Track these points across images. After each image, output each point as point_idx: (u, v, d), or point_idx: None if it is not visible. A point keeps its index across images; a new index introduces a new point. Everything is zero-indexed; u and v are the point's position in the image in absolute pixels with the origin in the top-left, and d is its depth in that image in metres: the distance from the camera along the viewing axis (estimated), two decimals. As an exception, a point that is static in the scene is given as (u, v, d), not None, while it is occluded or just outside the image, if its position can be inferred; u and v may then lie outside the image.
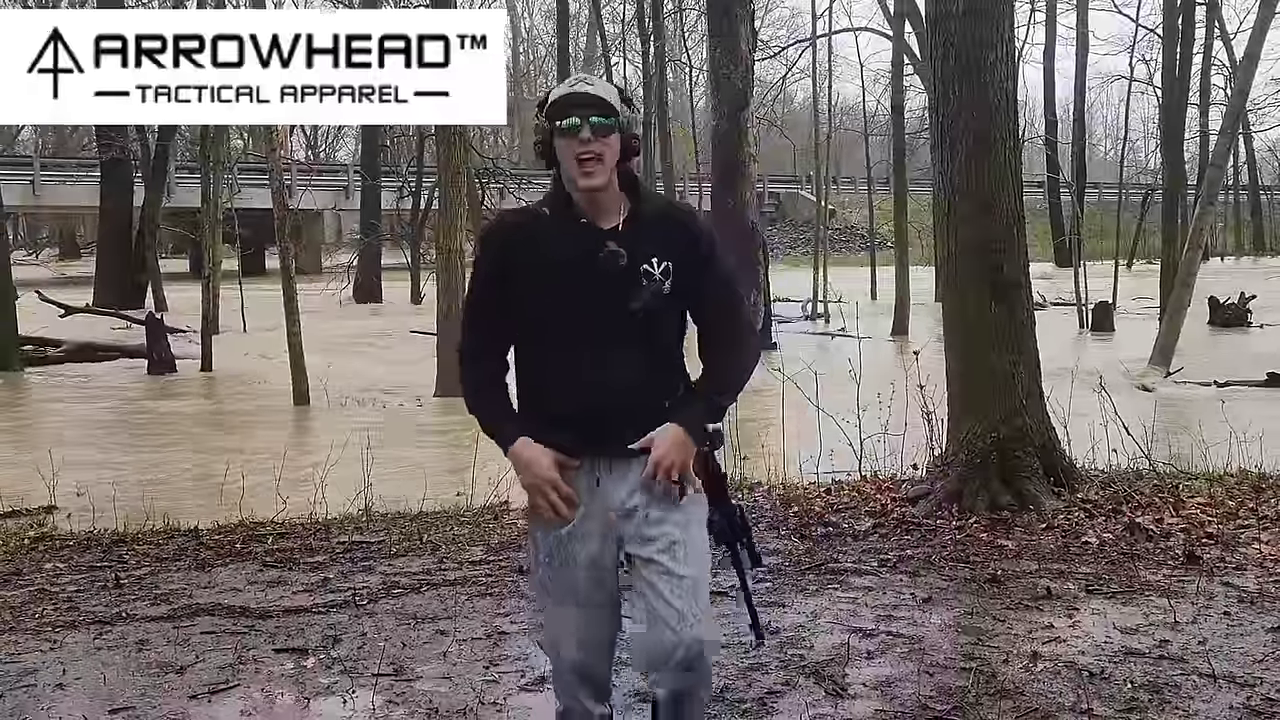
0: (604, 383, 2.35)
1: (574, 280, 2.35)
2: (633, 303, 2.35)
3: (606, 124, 2.31)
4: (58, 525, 6.12)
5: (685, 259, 2.40)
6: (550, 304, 2.37)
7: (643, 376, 2.38)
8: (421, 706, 3.38)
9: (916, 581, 4.55)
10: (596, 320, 2.35)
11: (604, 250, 2.35)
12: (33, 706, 3.44)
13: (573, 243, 2.35)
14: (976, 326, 5.73)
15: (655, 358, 2.41)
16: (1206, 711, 3.24)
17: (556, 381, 2.39)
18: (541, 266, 2.37)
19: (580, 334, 2.36)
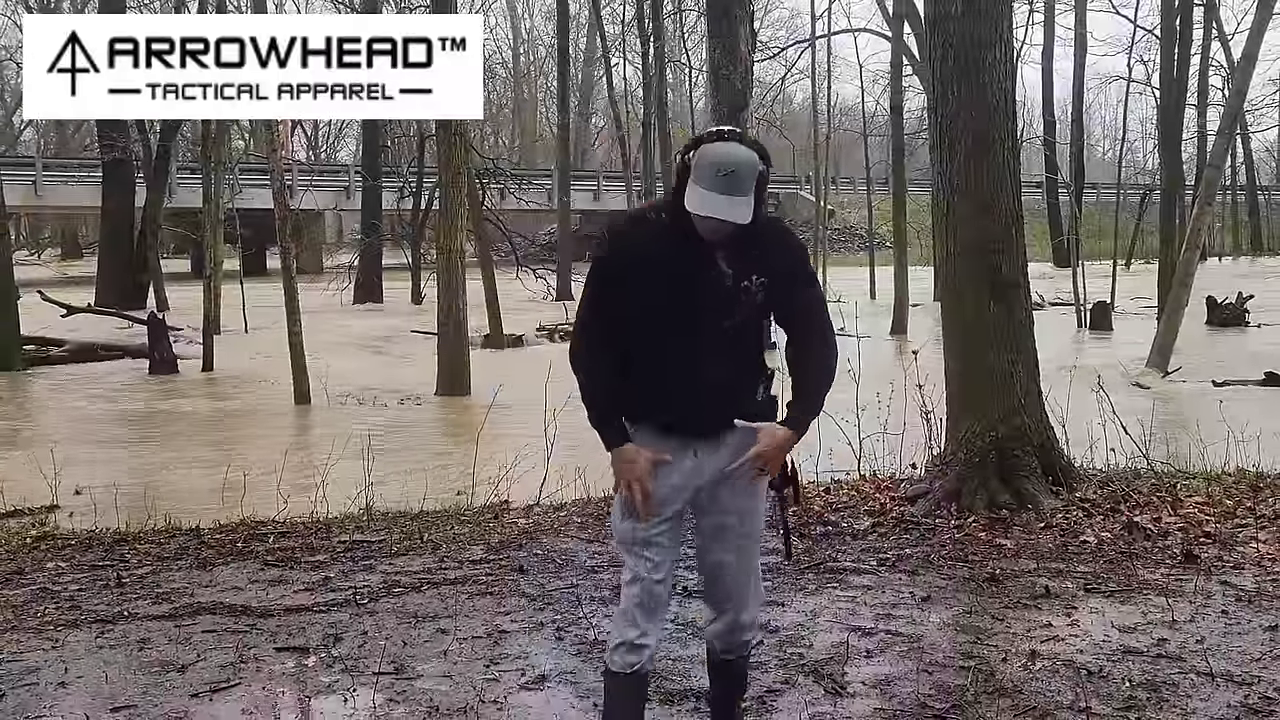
0: (699, 382, 2.66)
1: (681, 290, 2.63)
2: (732, 317, 2.65)
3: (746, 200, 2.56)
4: (60, 524, 6.14)
5: (780, 275, 2.68)
6: (657, 307, 2.65)
7: (733, 376, 2.70)
8: (422, 705, 3.39)
9: (915, 580, 4.56)
10: (697, 327, 2.65)
11: (713, 269, 2.63)
12: (35, 705, 3.44)
13: (684, 256, 2.62)
14: (975, 326, 5.74)
15: (744, 359, 2.72)
16: (1204, 710, 3.25)
17: (659, 377, 2.68)
18: (654, 272, 2.63)
19: (682, 336, 2.65)
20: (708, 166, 2.54)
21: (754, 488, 2.78)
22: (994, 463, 5.56)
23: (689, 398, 2.67)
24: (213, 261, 19.50)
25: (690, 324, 2.64)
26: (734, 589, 2.83)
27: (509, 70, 57.77)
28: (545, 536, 5.44)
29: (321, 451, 7.49)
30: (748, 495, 2.78)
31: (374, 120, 27.88)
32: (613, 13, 38.63)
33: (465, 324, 13.66)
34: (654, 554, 2.74)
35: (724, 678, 2.95)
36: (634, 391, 2.73)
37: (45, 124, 44.37)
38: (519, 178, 32.57)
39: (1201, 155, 27.65)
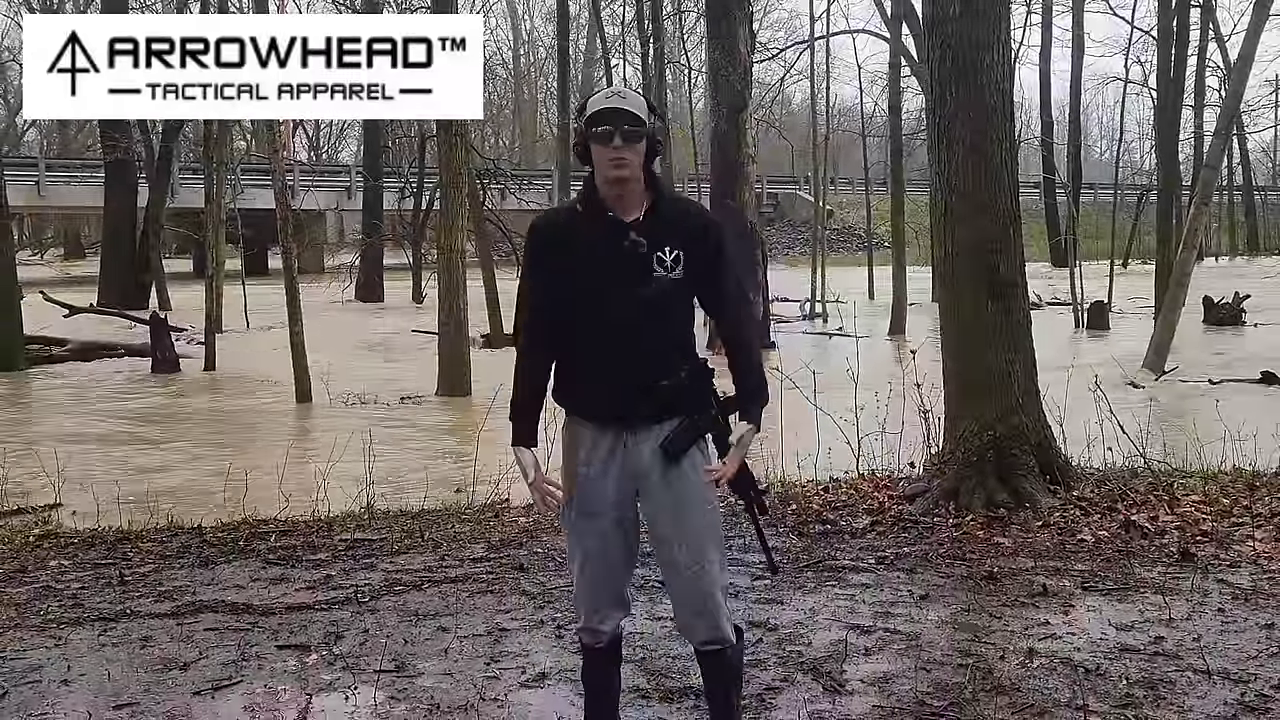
0: (625, 362, 2.69)
1: (600, 267, 2.69)
2: (647, 287, 2.67)
3: (636, 132, 2.65)
4: (62, 522, 6.14)
5: (696, 251, 2.72)
6: (579, 288, 2.70)
7: (658, 355, 2.71)
8: (423, 702, 3.40)
9: (914, 579, 4.57)
10: (618, 304, 2.68)
11: (627, 240, 2.68)
12: (38, 702, 3.46)
13: (600, 234, 2.69)
14: (973, 326, 5.76)
15: (669, 338, 2.74)
16: (1201, 707, 3.26)
17: (585, 360, 2.73)
18: (572, 255, 2.70)
19: (604, 316, 2.69)
20: (600, 94, 2.73)
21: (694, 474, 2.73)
22: (992, 462, 5.58)
23: (610, 376, 2.69)
24: (215, 261, 19.52)
25: (605, 296, 2.68)
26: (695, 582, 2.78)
27: (509, 71, 57.76)
28: (546, 535, 5.44)
29: (323, 450, 7.51)
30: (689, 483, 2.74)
31: (375, 121, 27.93)
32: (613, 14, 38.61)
33: (466, 324, 13.67)
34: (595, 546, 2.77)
35: (712, 670, 2.88)
36: (563, 382, 2.79)
37: (48, 125, 44.44)
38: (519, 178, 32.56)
39: (1198, 156, 27.62)
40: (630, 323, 2.68)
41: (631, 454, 2.74)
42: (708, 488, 2.76)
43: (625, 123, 2.64)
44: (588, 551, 2.80)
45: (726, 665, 2.87)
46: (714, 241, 2.77)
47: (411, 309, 25.39)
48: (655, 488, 2.75)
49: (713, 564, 2.78)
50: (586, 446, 2.76)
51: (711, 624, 2.80)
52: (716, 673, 2.89)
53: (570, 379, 2.78)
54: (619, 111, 2.66)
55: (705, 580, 2.77)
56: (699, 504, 2.76)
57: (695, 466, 2.74)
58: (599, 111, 2.67)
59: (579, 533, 2.80)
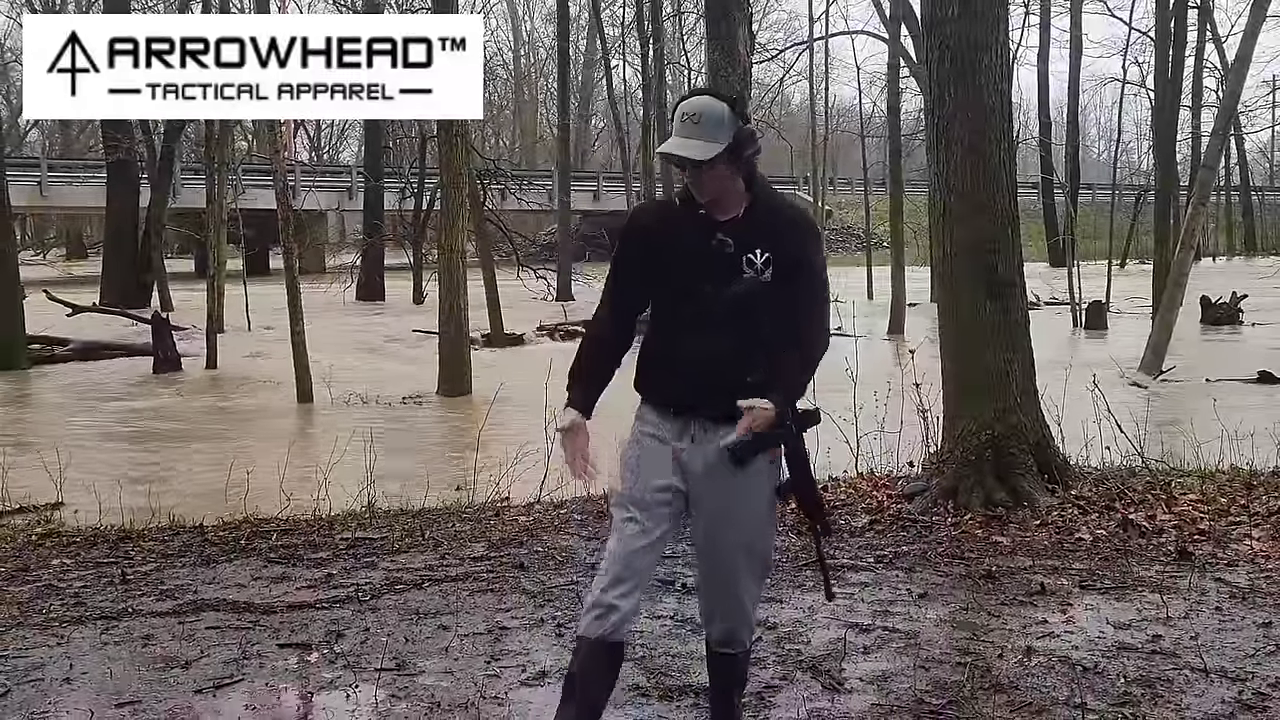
0: (701, 355, 2.70)
1: (688, 264, 2.72)
2: (732, 287, 2.69)
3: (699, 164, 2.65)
4: (64, 521, 6.15)
5: (787, 257, 2.72)
6: (668, 283, 2.75)
7: (731, 351, 2.69)
8: (423, 701, 3.41)
9: (912, 577, 4.58)
10: (702, 300, 2.71)
11: (714, 239, 2.71)
12: (40, 701, 3.46)
13: (692, 232, 2.73)
14: (971, 325, 5.78)
15: (746, 336, 2.71)
16: (1198, 705, 3.27)
17: (664, 349, 2.77)
18: (666, 250, 2.76)
19: (687, 311, 2.73)
20: (676, 115, 2.75)
21: (751, 489, 2.72)
22: (990, 461, 5.59)
23: (686, 367, 2.71)
24: (216, 261, 19.54)
25: (689, 291, 2.71)
26: (725, 594, 2.80)
27: (510, 72, 57.77)
28: (546, 534, 5.47)
29: (324, 449, 7.52)
30: (743, 496, 2.73)
31: (376, 121, 27.91)
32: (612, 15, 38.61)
33: (466, 323, 13.69)
34: (641, 517, 2.71)
35: (721, 671, 2.93)
36: (641, 369, 2.81)
37: (50, 125, 44.44)
38: (519, 178, 32.56)
39: (1196, 156, 27.62)
40: (711, 319, 2.69)
41: (696, 447, 2.73)
42: (766, 500, 2.75)
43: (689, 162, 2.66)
44: (626, 524, 2.73)
45: (736, 668, 2.92)
46: (800, 239, 2.77)
47: (412, 309, 25.39)
48: (712, 487, 2.73)
49: (752, 573, 2.80)
50: (653, 426, 2.77)
51: (735, 631, 2.84)
52: (725, 674, 2.92)
53: (648, 366, 2.81)
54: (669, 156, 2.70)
55: (739, 587, 2.80)
56: (752, 512, 2.75)
57: (757, 473, 2.69)
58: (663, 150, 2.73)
59: (631, 502, 2.74)
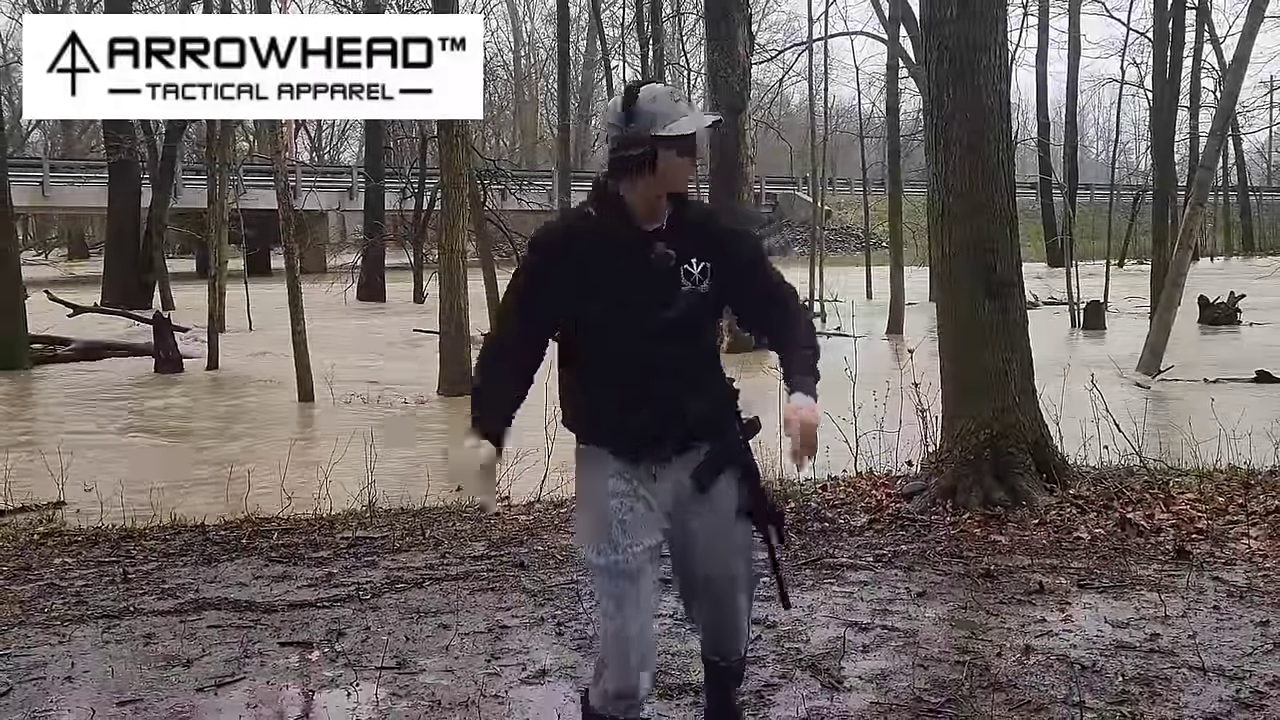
0: (652, 386, 2.48)
1: (623, 282, 2.45)
2: (672, 306, 2.46)
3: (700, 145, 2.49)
4: (66, 521, 6.17)
5: (728, 263, 2.52)
6: (599, 306, 2.47)
7: (687, 378, 2.51)
8: (424, 699, 3.42)
9: (911, 576, 4.59)
10: (643, 323, 2.46)
11: (654, 251, 2.46)
12: (42, 699, 3.48)
13: (624, 245, 2.46)
14: (970, 325, 5.78)
15: (698, 358, 2.55)
16: (1196, 704, 3.27)
17: (607, 384, 2.51)
18: (589, 265, 2.45)
19: (628, 336, 2.47)
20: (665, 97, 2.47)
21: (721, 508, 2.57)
22: (989, 460, 5.60)
23: (636, 401, 2.48)
24: (217, 261, 19.57)
25: (630, 314, 2.45)
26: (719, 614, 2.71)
27: (510, 72, 57.79)
28: (546, 533, 5.48)
29: (325, 449, 7.53)
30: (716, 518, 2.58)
31: (376, 121, 27.96)
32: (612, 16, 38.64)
33: (467, 323, 13.71)
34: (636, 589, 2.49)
35: (716, 677, 2.88)
36: (579, 407, 2.57)
37: (53, 125, 44.46)
38: (519, 179, 32.55)
39: (1194, 156, 27.64)
40: (658, 343, 2.47)
41: (661, 483, 2.54)
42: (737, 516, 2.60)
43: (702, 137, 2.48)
44: (624, 593, 2.50)
45: (732, 672, 2.88)
46: (749, 248, 2.60)
47: (413, 308, 25.42)
48: (686, 516, 2.57)
49: (743, 589, 2.70)
50: (613, 478, 2.53)
51: (734, 645, 2.78)
52: (721, 679, 2.89)
53: (589, 404, 2.55)
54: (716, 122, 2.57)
55: (733, 605, 2.70)
56: (730, 530, 2.60)
57: (723, 493, 2.57)
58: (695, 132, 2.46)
59: (613, 573, 2.50)
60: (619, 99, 2.49)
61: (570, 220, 2.61)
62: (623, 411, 2.50)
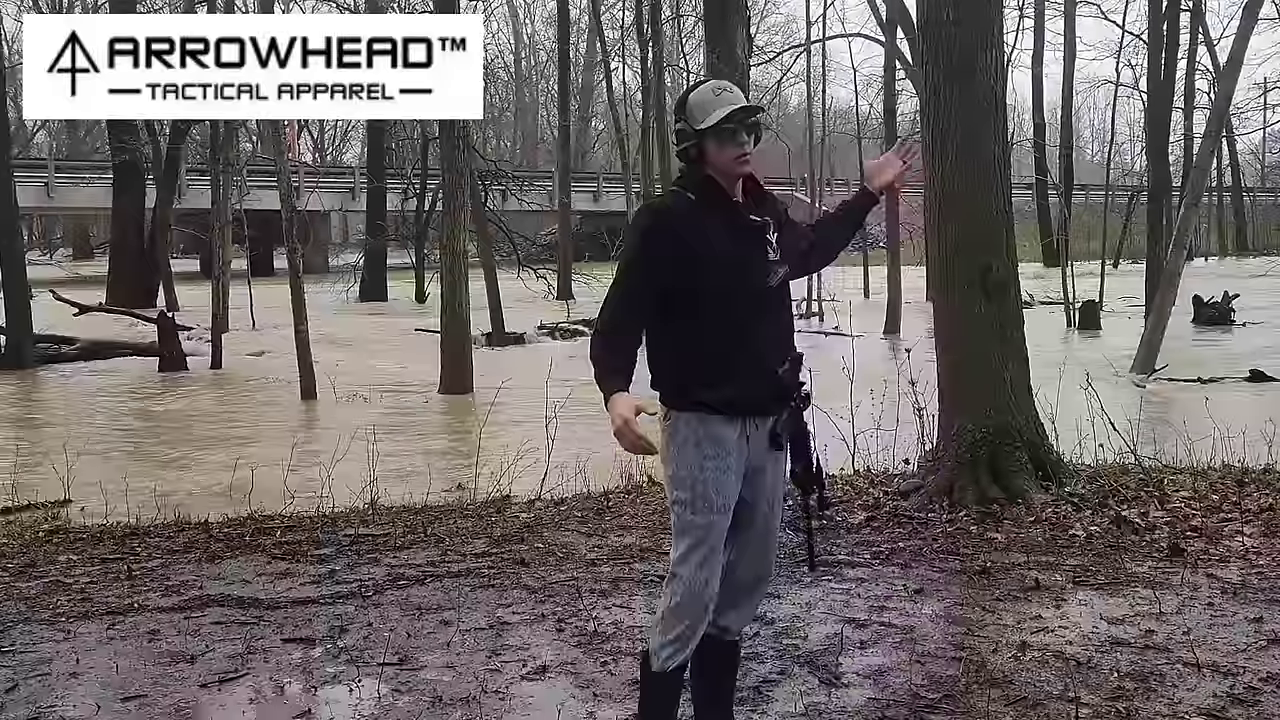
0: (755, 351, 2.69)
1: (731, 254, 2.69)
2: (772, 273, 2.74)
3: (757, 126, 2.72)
4: (72, 518, 6.20)
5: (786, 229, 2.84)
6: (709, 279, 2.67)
7: (781, 342, 2.76)
8: (426, 695, 3.43)
9: (908, 573, 4.61)
10: (748, 292, 2.70)
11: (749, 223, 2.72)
12: (47, 695, 3.50)
13: (724, 221, 2.71)
14: (967, 325, 5.80)
15: (786, 324, 2.82)
16: (1190, 700, 3.29)
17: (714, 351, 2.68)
18: (698, 245, 2.67)
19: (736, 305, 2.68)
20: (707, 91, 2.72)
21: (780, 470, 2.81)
22: (985, 458, 5.62)
23: (743, 366, 2.67)
24: (221, 261, 19.60)
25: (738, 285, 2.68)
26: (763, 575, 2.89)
27: (510, 74, 57.79)
28: (546, 530, 5.50)
29: (327, 447, 7.56)
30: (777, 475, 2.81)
31: (378, 122, 27.97)
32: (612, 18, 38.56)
33: (468, 322, 13.75)
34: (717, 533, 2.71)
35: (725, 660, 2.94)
36: (684, 377, 2.71)
37: (57, 127, 44.48)
38: (520, 179, 32.56)
39: (1188, 157, 27.64)
40: (757, 310, 2.71)
41: (753, 443, 2.73)
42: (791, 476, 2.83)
43: (750, 118, 2.69)
44: (713, 546, 2.71)
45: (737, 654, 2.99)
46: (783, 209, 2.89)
47: (414, 308, 25.45)
48: (764, 477, 2.77)
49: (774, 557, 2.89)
50: (714, 440, 2.69)
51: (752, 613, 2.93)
52: (728, 662, 2.95)
53: (695, 374, 2.69)
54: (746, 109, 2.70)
55: (769, 568, 2.89)
56: (780, 492, 2.85)
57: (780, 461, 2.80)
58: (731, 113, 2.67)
59: (703, 528, 2.69)
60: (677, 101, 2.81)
61: (668, 201, 2.85)
62: (730, 376, 2.67)
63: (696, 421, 2.68)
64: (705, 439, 2.68)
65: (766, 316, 2.72)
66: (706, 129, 2.67)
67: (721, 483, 2.69)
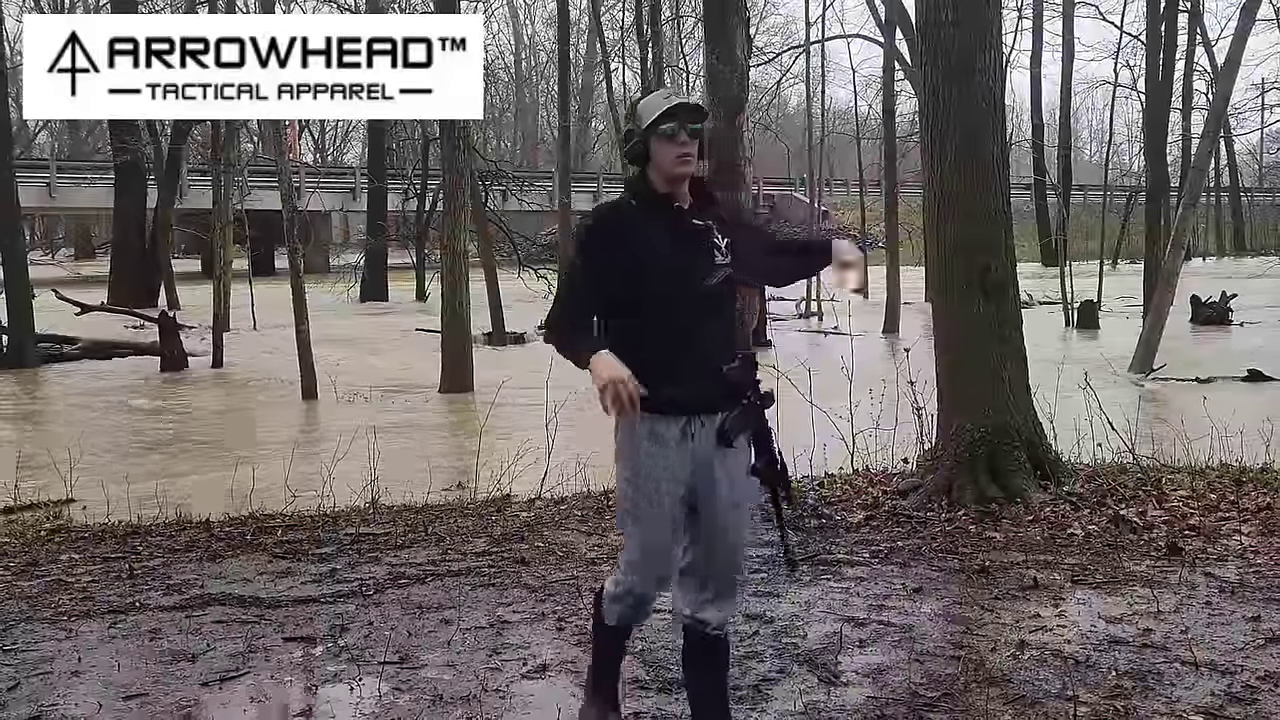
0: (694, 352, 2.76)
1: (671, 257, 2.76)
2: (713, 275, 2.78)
3: (697, 129, 2.78)
4: (74, 517, 6.21)
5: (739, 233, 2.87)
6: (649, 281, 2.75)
7: (723, 343, 2.82)
8: (426, 694, 3.44)
9: (907, 572, 4.62)
10: (689, 295, 2.75)
11: (691, 226, 2.80)
12: (48, 693, 3.51)
13: (665, 224, 2.79)
14: (965, 324, 5.82)
15: (729, 326, 2.87)
16: (1188, 698, 3.29)
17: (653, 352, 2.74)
18: (642, 246, 2.76)
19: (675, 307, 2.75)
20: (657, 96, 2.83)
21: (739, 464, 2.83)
22: (984, 457, 5.64)
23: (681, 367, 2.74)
24: (222, 261, 19.62)
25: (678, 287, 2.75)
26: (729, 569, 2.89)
27: (511, 74, 57.78)
28: (547, 529, 5.51)
29: (328, 446, 7.57)
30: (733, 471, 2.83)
31: (379, 123, 27.98)
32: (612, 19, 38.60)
33: (468, 322, 13.76)
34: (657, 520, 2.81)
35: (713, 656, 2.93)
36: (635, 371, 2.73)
37: (59, 127, 44.47)
38: (520, 180, 32.58)
39: (1186, 158, 27.68)
40: (700, 312, 2.76)
41: (697, 442, 2.79)
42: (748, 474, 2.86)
43: (689, 119, 2.76)
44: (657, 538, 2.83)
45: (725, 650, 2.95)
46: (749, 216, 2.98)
47: (415, 308, 25.45)
48: (713, 472, 2.81)
49: (744, 551, 2.91)
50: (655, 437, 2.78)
51: (729, 607, 2.90)
52: (716, 658, 2.93)
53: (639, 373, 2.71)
54: (685, 107, 2.77)
55: (737, 563, 2.90)
56: (743, 492, 2.86)
57: (741, 450, 2.82)
58: (667, 111, 2.76)
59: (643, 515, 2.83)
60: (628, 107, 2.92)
61: (614, 205, 2.93)
62: (672, 376, 2.73)
63: (641, 420, 2.77)
64: (648, 435, 2.78)
65: (710, 317, 2.78)
66: (648, 128, 2.76)
67: (663, 477, 2.78)
